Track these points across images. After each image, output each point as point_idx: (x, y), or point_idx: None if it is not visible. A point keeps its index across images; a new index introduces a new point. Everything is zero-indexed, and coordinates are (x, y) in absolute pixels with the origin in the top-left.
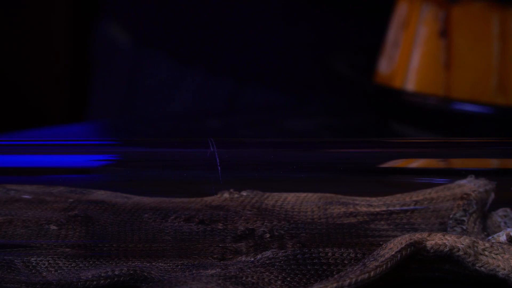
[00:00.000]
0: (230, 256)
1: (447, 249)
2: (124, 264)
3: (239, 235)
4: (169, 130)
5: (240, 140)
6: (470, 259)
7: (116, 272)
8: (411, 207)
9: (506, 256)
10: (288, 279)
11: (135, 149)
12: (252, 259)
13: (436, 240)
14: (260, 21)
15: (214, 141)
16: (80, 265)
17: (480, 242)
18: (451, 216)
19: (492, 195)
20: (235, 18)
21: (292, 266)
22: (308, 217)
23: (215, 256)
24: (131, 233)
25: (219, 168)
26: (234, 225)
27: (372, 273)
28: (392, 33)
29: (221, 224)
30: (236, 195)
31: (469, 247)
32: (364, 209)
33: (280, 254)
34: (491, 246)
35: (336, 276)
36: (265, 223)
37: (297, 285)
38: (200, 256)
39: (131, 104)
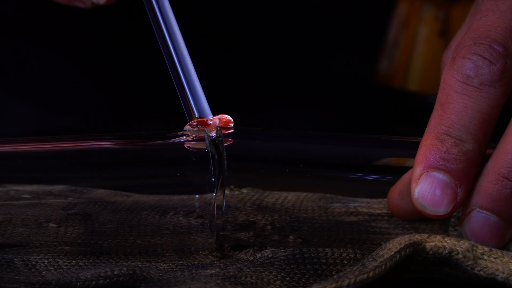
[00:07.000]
0: (228, 249)
1: (447, 251)
2: (124, 263)
3: (239, 224)
4: None
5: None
6: (469, 263)
7: (116, 272)
8: None
9: (505, 259)
10: (287, 278)
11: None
12: (252, 258)
13: (435, 242)
14: (261, 20)
15: (213, 140)
16: (80, 263)
17: (479, 246)
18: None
19: None
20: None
21: (292, 266)
22: (309, 215)
23: (214, 253)
24: (130, 229)
25: (211, 167)
26: (234, 218)
27: (371, 274)
28: (392, 33)
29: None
30: (236, 192)
31: (468, 250)
32: (365, 210)
33: (279, 253)
34: (490, 250)
35: (335, 276)
36: (265, 217)
37: (296, 285)
38: (199, 248)
39: None
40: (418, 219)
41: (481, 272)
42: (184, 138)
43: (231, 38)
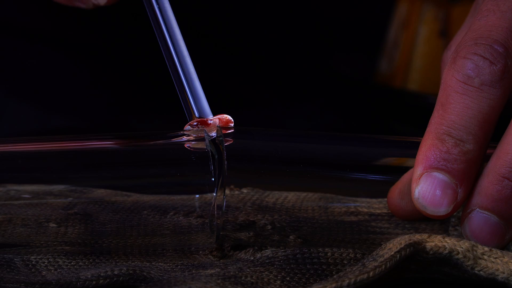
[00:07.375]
0: (228, 249)
1: (447, 251)
2: (124, 263)
3: (239, 224)
4: None
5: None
6: (469, 263)
7: (116, 272)
8: None
9: (505, 259)
10: (288, 278)
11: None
12: (252, 258)
13: (436, 242)
14: (260, 20)
15: (213, 140)
16: (80, 263)
17: (480, 246)
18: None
19: None
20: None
21: (292, 266)
22: (309, 215)
23: (214, 253)
24: (130, 229)
25: (212, 167)
26: (234, 218)
27: (371, 273)
28: (392, 33)
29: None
30: (236, 192)
31: (468, 250)
32: (365, 210)
33: (279, 253)
34: (490, 250)
35: (335, 276)
36: (266, 217)
37: (296, 284)
38: (199, 247)
39: None
40: (418, 219)
41: (481, 272)
42: (184, 138)
43: (231, 38)
